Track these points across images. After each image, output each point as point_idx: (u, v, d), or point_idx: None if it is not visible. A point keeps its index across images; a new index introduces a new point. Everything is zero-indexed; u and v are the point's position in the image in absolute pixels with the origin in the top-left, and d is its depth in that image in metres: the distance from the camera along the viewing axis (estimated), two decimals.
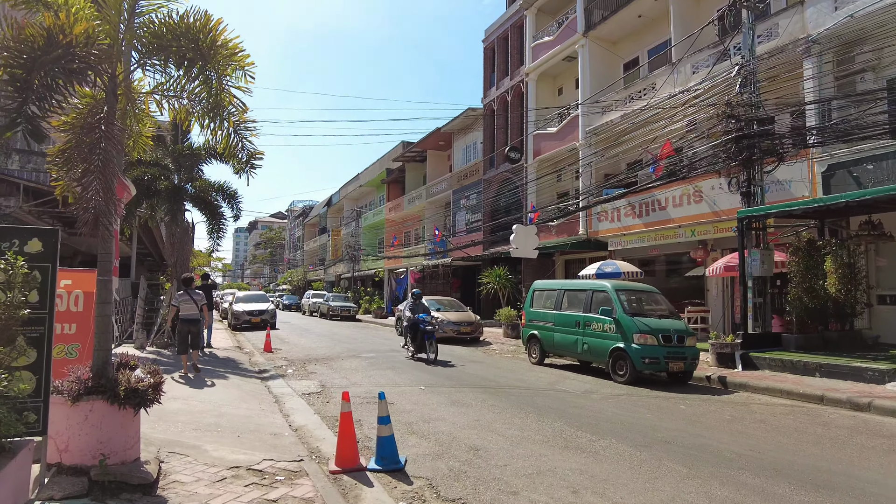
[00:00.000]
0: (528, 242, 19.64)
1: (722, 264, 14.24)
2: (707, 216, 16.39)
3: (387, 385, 9.87)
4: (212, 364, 11.98)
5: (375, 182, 44.76)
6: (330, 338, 19.50)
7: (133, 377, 4.15)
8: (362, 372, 11.43)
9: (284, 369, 11.99)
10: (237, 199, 15.21)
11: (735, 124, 12.74)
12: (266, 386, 9.84)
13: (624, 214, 19.49)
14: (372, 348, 15.97)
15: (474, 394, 9.02)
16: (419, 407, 7.97)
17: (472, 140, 30.71)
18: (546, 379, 10.83)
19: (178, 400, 7.57)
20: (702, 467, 5.30)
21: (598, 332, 11.24)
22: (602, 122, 20.53)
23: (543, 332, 12.91)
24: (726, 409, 8.29)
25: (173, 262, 14.92)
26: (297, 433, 6.55)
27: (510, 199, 25.69)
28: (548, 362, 13.19)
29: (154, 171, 14.30)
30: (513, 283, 23.62)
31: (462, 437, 6.37)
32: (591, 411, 7.86)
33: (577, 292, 12.31)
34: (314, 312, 35.75)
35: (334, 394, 9.08)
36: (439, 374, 11.14)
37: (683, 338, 10.73)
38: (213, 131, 5.23)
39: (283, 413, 7.66)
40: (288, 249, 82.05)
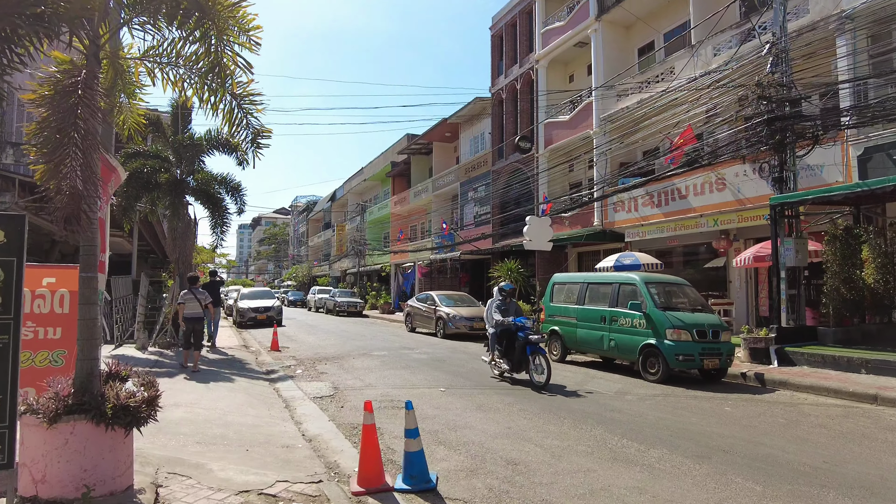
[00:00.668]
0: (542, 234, 18.94)
1: (751, 254, 13.53)
2: (730, 204, 15.67)
3: (403, 386, 9.23)
4: (217, 364, 11.37)
5: (380, 176, 44.04)
6: (338, 335, 18.88)
7: (123, 391, 3.51)
8: (376, 372, 10.79)
9: (293, 369, 11.37)
10: (241, 192, 14.57)
11: (766, 105, 12.02)
12: (275, 389, 9.20)
13: (642, 204, 18.77)
14: (383, 346, 15.34)
15: (498, 396, 8.36)
16: (442, 412, 7.32)
17: (480, 130, 29.97)
18: (572, 378, 10.17)
19: (181, 407, 6.94)
20: (777, 484, 4.64)
21: (627, 328, 10.57)
22: (617, 109, 19.78)
23: (565, 328, 12.24)
24: (776, 411, 7.61)
25: (175, 258, 14.31)
26: (312, 444, 5.91)
27: (520, 191, 24.97)
28: (569, 359, 12.54)
29: (154, 163, 13.66)
30: (524, 277, 22.92)
31: (496, 448, 5.72)
32: (631, 415, 7.20)
33: (601, 286, 11.63)
34: (320, 308, 35.18)
35: (349, 397, 8.45)
36: (457, 374, 10.49)
37: (718, 333, 10.06)
38: (213, 106, 4.54)
39: (295, 420, 7.02)
40: (292, 245, 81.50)
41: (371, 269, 42.06)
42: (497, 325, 9.76)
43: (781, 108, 12.07)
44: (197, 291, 11.00)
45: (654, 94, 17.90)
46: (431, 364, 11.77)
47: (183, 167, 14.11)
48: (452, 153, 34.88)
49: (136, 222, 15.11)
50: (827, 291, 11.95)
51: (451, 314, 17.75)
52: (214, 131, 14.55)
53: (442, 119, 31.45)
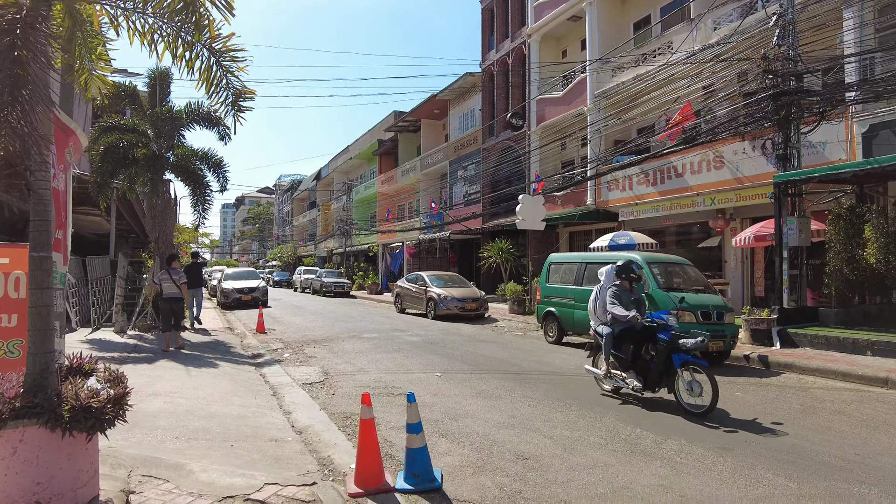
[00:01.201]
0: (535, 213, 18.49)
1: (751, 233, 13.21)
2: (728, 183, 15.31)
3: (397, 371, 8.80)
4: (200, 348, 10.84)
5: (367, 154, 43.21)
6: (326, 316, 18.39)
7: (85, 389, 3.01)
8: (367, 355, 10.35)
9: (280, 353, 10.89)
10: (223, 168, 13.89)
11: (772, 80, 11.58)
12: (261, 374, 8.73)
13: (637, 183, 18.37)
14: (373, 328, 14.89)
15: (498, 381, 7.96)
16: (441, 399, 6.90)
17: (470, 107, 29.29)
18: (572, 361, 9.81)
19: (160, 397, 6.44)
20: (812, 480, 4.28)
21: None
22: (613, 85, 19.27)
23: (562, 310, 11.87)
24: (788, 396, 7.29)
25: (155, 237, 13.67)
26: (303, 437, 5.46)
27: (511, 169, 24.46)
28: (565, 341, 12.20)
29: (130, 137, 12.93)
30: (515, 257, 22.53)
31: (502, 439, 5.31)
32: (639, 401, 6.83)
33: (601, 265, 11.20)
34: (306, 289, 34.62)
35: (340, 383, 8.00)
36: (453, 358, 10.07)
37: (723, 314, 9.73)
38: (188, 62, 3.97)
39: (284, 409, 6.56)
40: (277, 225, 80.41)
41: (358, 249, 41.46)
42: (617, 321, 6.93)
43: (787, 82, 11.65)
44: (173, 272, 10.79)
45: (652, 68, 17.41)
46: (425, 347, 11.35)
47: (162, 142, 13.39)
48: (441, 131, 34.18)
49: (114, 200, 14.40)
50: (830, 272, 11.67)
51: (442, 295, 17.32)
52: (195, 104, 13.82)
53: (431, 95, 30.70)
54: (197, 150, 13.86)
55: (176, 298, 10.52)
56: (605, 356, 7.12)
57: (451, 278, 19.66)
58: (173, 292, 10.52)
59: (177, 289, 10.57)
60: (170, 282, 10.56)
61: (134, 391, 6.51)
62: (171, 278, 10.59)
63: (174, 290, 10.54)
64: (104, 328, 12.35)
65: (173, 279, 10.59)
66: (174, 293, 10.53)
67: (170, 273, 10.71)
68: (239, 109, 4.23)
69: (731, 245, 16.40)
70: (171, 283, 10.54)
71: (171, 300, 10.46)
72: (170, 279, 10.57)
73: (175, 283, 10.57)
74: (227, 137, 14.12)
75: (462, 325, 15.74)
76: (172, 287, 10.54)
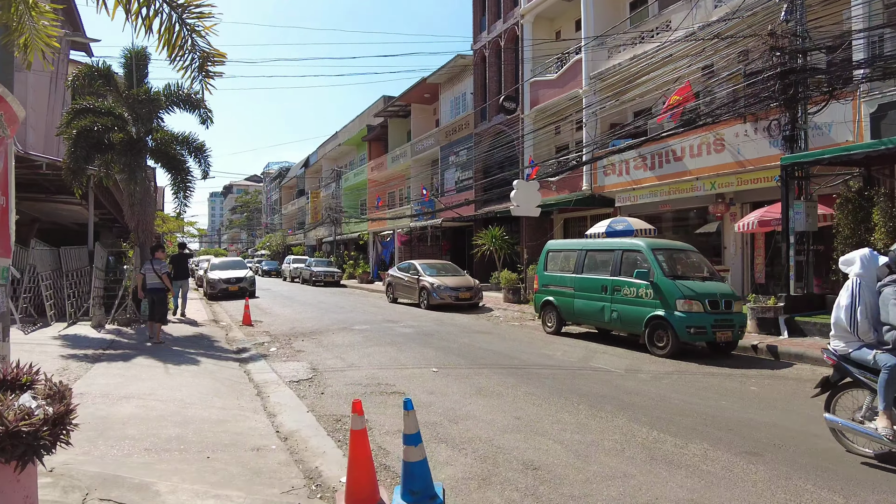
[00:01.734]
0: (531, 199, 17.99)
1: (755, 218, 12.78)
2: (729, 167, 14.86)
3: (391, 367, 8.30)
4: (182, 343, 10.28)
5: (355, 140, 42.42)
6: (315, 307, 17.84)
7: (16, 409, 2.48)
8: (358, 349, 9.84)
9: (267, 347, 10.36)
10: (205, 153, 13.22)
11: (779, 57, 11.09)
12: (245, 371, 8.20)
13: (634, 167, 17.91)
14: (364, 319, 14.37)
15: (499, 377, 7.48)
16: (438, 398, 6.41)
17: (461, 91, 28.62)
18: (573, 353, 9.36)
19: (133, 400, 5.89)
20: (861, 493, 3.83)
21: (631, 299, 9.75)
22: (609, 66, 18.71)
23: (561, 299, 11.41)
24: (807, 391, 6.87)
25: (134, 226, 13.00)
26: (288, 444, 4.96)
27: (504, 155, 23.88)
28: (565, 331, 11.76)
29: (105, 120, 12.22)
30: (509, 244, 22.04)
31: (508, 445, 4.83)
32: (652, 399, 6.39)
33: (601, 253, 10.76)
34: (296, 278, 34.01)
35: (329, 380, 7.49)
36: (449, 351, 9.59)
37: (731, 303, 9.30)
38: (145, 20, 3.40)
39: (268, 412, 6.05)
40: (265, 213, 79.39)
41: (348, 237, 40.82)
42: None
43: (794, 60, 11.17)
44: (155, 262, 10.64)
45: (650, 49, 16.89)
46: (419, 339, 10.85)
47: (140, 125, 12.69)
48: (432, 115, 33.49)
49: (91, 188, 13.73)
50: (837, 258, 11.27)
51: (435, 284, 16.81)
52: (174, 85, 13.13)
53: (421, 79, 29.97)
54: (177, 134, 13.19)
55: (157, 289, 10.35)
56: (884, 401, 4.25)
57: (444, 266, 19.15)
58: (155, 283, 10.37)
59: (158, 279, 10.41)
60: (152, 272, 10.43)
61: (103, 395, 6.01)
62: (153, 269, 10.44)
63: (156, 280, 10.38)
64: (81, 322, 11.74)
65: (155, 269, 10.44)
66: (155, 283, 10.37)
67: (152, 263, 10.57)
68: (207, 75, 3.67)
69: (730, 231, 16.03)
70: (153, 274, 10.41)
71: (151, 290, 10.31)
72: (152, 269, 10.44)
73: (157, 274, 10.40)
74: (208, 121, 13.46)
75: (456, 315, 15.26)
76: (154, 278, 10.39)
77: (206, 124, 13.43)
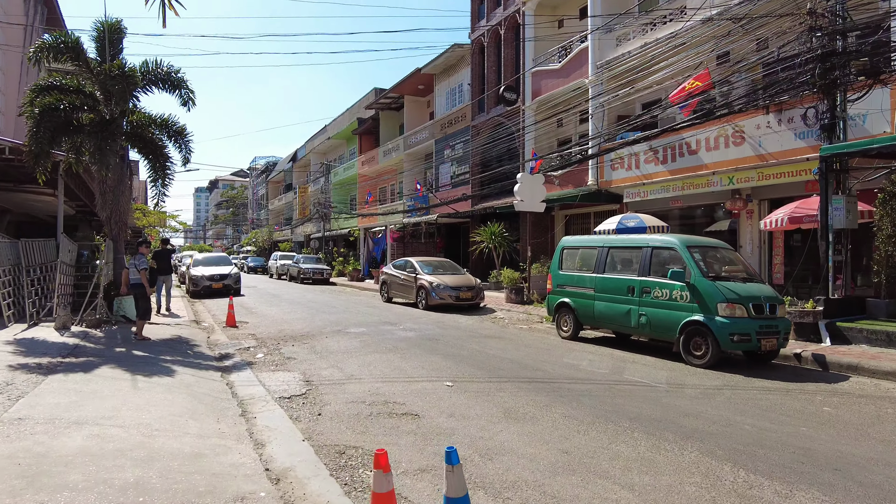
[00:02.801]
0: (535, 194, 16.96)
1: (784, 215, 11.83)
2: (749, 161, 13.92)
3: (397, 379, 7.21)
4: (157, 348, 9.09)
5: (346, 133, 41.17)
6: (305, 306, 16.68)
7: None
8: (356, 356, 8.73)
9: (253, 353, 9.22)
10: (186, 137, 12.03)
11: (819, 39, 10.15)
12: (228, 383, 7.07)
13: (644, 161, 16.92)
14: (359, 320, 13.24)
15: (526, 394, 6.42)
16: (461, 423, 5.33)
17: (458, 82, 27.52)
18: (601, 363, 8.33)
19: (85, 427, 4.75)
20: None
21: (664, 301, 8.74)
22: (617, 55, 17.72)
23: (579, 301, 10.38)
24: (889, 411, 5.90)
25: (106, 216, 11.78)
26: (281, 489, 3.86)
27: (504, 148, 22.82)
28: (582, 336, 10.75)
29: (73, 98, 10.99)
30: (509, 242, 21.00)
31: (564, 494, 3.77)
32: (715, 423, 5.36)
33: (627, 250, 9.74)
34: (283, 275, 32.76)
35: (327, 396, 6.38)
36: (460, 359, 8.51)
37: (775, 307, 8.32)
38: None
39: (255, 439, 4.94)
40: (251, 209, 77.70)
41: (337, 233, 39.56)
42: None
43: (834, 41, 10.23)
44: (136, 257, 10.26)
45: (662, 36, 15.94)
46: (423, 345, 9.76)
47: (113, 105, 11.46)
48: (426, 108, 32.37)
49: (61, 175, 12.48)
50: (878, 258, 10.38)
51: (434, 283, 15.73)
52: (153, 62, 11.92)
53: (415, 69, 28.83)
54: (155, 116, 12.01)
55: (136, 285, 10.02)
56: None
57: (441, 264, 18.06)
58: (134, 279, 10.05)
59: (137, 275, 10.01)
60: (133, 268, 10.10)
61: (48, 420, 4.75)
62: (134, 264, 10.08)
63: (135, 276, 10.04)
64: (44, 323, 10.50)
65: (135, 265, 10.05)
66: (135, 279, 10.04)
67: (134, 259, 10.26)
68: None
69: (747, 229, 15.16)
70: (134, 270, 10.07)
71: (132, 286, 10.06)
72: (134, 265, 10.08)
73: (136, 269, 10.01)
74: (190, 102, 12.28)
75: (458, 317, 14.19)
76: (134, 273, 10.05)
77: (188, 106, 12.24)
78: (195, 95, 12.22)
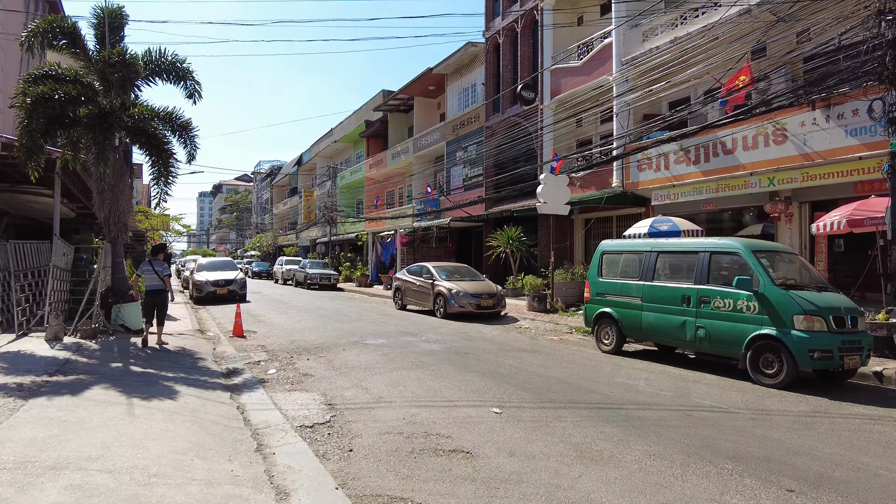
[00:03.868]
0: (559, 196, 16.04)
1: (842, 217, 10.83)
2: (792, 160, 12.97)
3: (434, 402, 6.24)
4: (157, 362, 8.15)
5: (353, 136, 40.30)
6: (315, 313, 15.73)
7: None
8: (381, 374, 7.77)
9: (264, 368, 8.28)
10: (191, 132, 11.11)
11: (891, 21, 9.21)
12: (238, 406, 6.12)
13: (674, 161, 15.97)
14: (376, 330, 12.28)
15: (592, 424, 5.45)
16: (527, 465, 4.37)
17: (471, 82, 26.63)
18: (659, 383, 7.35)
19: (65, 472, 3.79)
20: None
21: (726, 313, 7.77)
22: (644, 50, 16.82)
23: (623, 311, 9.41)
24: None
25: (104, 216, 10.87)
26: None
27: (520, 149, 21.88)
28: (626, 349, 9.79)
29: (69, 88, 10.08)
30: (527, 247, 20.03)
31: None
32: (837, 464, 4.39)
33: (680, 255, 8.78)
34: (288, 281, 31.85)
35: (355, 425, 5.42)
36: (499, 378, 7.55)
37: (857, 320, 7.35)
38: None
39: (276, 485, 3.99)
40: (255, 213, 76.90)
41: (343, 238, 38.64)
42: None
43: None
44: (156, 262, 10.05)
45: (694, 30, 15.06)
46: (452, 360, 8.80)
47: (112, 96, 10.57)
48: (436, 110, 31.50)
49: (58, 173, 11.57)
50: None
51: (453, 290, 14.77)
52: (156, 51, 11.04)
53: (426, 69, 27.97)
54: (158, 109, 11.08)
55: (157, 290, 9.82)
56: None
57: (457, 270, 17.10)
58: (156, 284, 9.81)
59: (160, 281, 9.85)
60: (152, 273, 9.84)
61: (19, 463, 3.48)
62: (153, 269, 9.86)
63: (157, 282, 9.82)
64: (34, 334, 9.56)
65: (156, 270, 9.86)
66: (156, 285, 9.81)
67: (152, 264, 9.99)
68: None
69: (785, 233, 14.22)
70: (153, 275, 9.82)
71: (152, 293, 9.79)
72: (152, 270, 9.86)
73: (158, 275, 9.84)
74: (196, 95, 11.40)
75: (480, 327, 13.22)
76: (155, 279, 9.82)
77: (195, 99, 11.36)
78: (201, 87, 11.35)
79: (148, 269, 9.98)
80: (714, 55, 14.52)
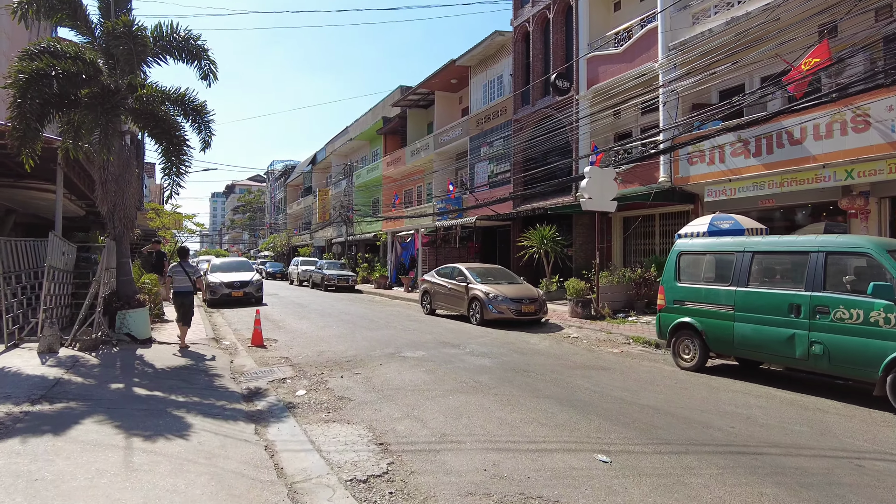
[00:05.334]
0: (605, 191, 14.65)
1: None
2: (877, 149, 11.52)
3: (515, 444, 4.90)
4: (164, 383, 6.88)
5: (369, 134, 39.09)
6: (338, 318, 14.45)
7: None
8: (432, 398, 6.44)
9: (291, 387, 7.00)
10: (206, 116, 9.86)
11: None
12: (266, 447, 4.80)
13: (731, 154, 14.52)
14: (410, 339, 10.97)
15: (739, 479, 4.09)
16: None
17: (497, 73, 25.27)
18: (783, 415, 5.96)
19: None
20: None
21: (853, 326, 6.36)
22: (694, 34, 15.40)
23: (709, 321, 8.01)
24: None
25: (108, 209, 9.65)
26: None
27: (553, 143, 20.49)
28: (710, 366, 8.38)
29: (68, 64, 8.85)
30: (562, 247, 18.63)
31: None
32: None
33: (785, 255, 7.38)
34: (304, 282, 30.67)
35: (421, 478, 4.09)
36: (582, 407, 6.19)
37: None
38: None
39: None
40: (269, 213, 75.99)
41: (360, 238, 37.41)
42: None
43: None
44: (185, 264, 9.96)
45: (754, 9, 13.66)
46: (513, 379, 7.45)
47: (118, 74, 9.35)
48: (457, 104, 30.20)
49: (60, 164, 10.36)
50: None
51: (491, 294, 13.42)
52: (167, 26, 9.81)
53: (449, 61, 26.66)
54: (169, 90, 9.82)
55: (185, 292, 9.72)
56: None
57: (489, 271, 15.73)
58: (185, 286, 9.73)
59: (189, 283, 9.79)
60: (182, 274, 9.76)
61: None
62: (184, 271, 9.79)
63: (187, 283, 9.75)
64: (27, 344, 8.33)
65: (187, 272, 9.81)
66: (186, 287, 9.73)
67: (183, 266, 9.90)
68: None
69: (860, 232, 12.76)
70: (184, 276, 9.76)
71: (181, 294, 9.69)
72: (183, 272, 9.78)
73: (189, 276, 9.80)
74: (211, 76, 10.19)
75: (525, 336, 11.86)
76: (185, 280, 9.75)
77: (209, 80, 10.15)
78: (217, 67, 10.13)
79: (178, 270, 9.84)
80: (779, 36, 13.09)
